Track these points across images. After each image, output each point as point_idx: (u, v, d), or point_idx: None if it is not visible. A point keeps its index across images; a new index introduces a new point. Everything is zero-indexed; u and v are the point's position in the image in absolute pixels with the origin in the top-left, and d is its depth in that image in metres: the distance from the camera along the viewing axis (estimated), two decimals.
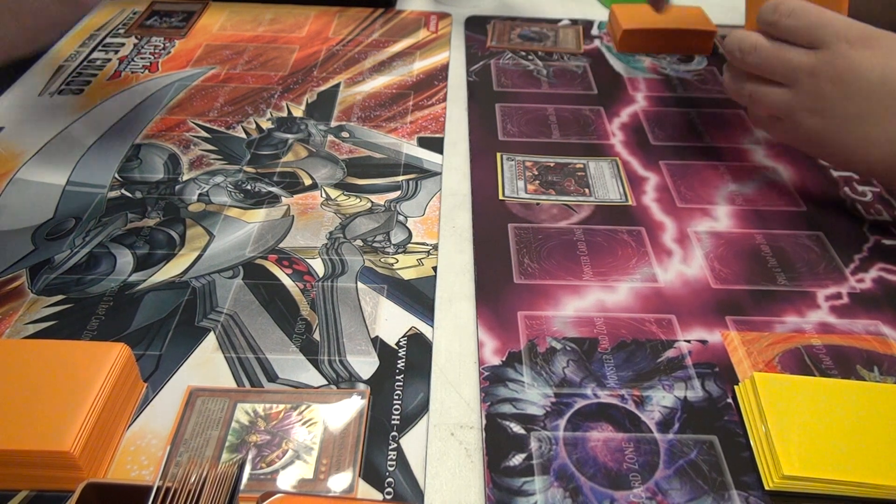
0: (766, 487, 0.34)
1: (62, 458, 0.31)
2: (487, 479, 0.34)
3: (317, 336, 0.41)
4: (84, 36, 0.72)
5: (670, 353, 0.40)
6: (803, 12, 0.46)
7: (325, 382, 0.38)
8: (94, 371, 0.34)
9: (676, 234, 0.49)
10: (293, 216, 0.49)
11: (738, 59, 0.49)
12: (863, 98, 0.44)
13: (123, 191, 0.51)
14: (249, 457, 0.34)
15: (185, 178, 0.53)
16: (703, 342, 0.41)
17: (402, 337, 0.41)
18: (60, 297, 0.43)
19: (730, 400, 0.38)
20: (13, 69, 0.65)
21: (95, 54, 0.69)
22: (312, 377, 0.38)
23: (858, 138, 0.45)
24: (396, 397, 0.38)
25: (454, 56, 0.71)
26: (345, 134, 0.58)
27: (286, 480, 0.33)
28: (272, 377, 0.38)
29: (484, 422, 0.36)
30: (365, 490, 0.33)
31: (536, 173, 0.54)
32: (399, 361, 0.40)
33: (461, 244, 0.48)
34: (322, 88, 0.64)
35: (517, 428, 0.36)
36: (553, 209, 0.51)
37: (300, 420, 0.36)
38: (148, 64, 0.67)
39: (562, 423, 0.36)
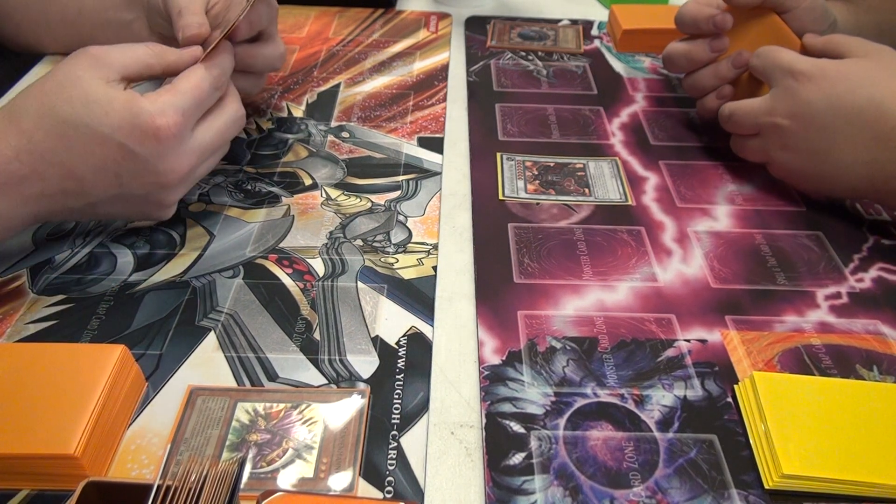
0: (766, 486, 0.34)
1: (66, 462, 0.31)
2: (487, 477, 0.34)
3: (317, 335, 0.41)
4: None
5: (670, 353, 0.40)
6: (763, 53, 0.50)
7: (326, 382, 0.38)
8: (96, 374, 0.34)
9: (676, 233, 0.49)
10: (293, 216, 0.50)
11: (729, 127, 0.53)
12: (819, 130, 0.46)
13: None
14: (250, 455, 0.34)
15: None
16: (703, 341, 0.41)
17: (403, 336, 0.41)
18: (61, 296, 0.43)
19: (729, 399, 0.38)
20: (14, 69, 0.65)
21: None
22: (313, 376, 0.38)
23: (831, 166, 0.47)
24: (396, 396, 0.38)
25: (454, 56, 0.71)
26: (345, 134, 0.58)
27: (286, 479, 0.33)
28: (272, 376, 0.38)
29: (484, 421, 0.36)
30: (365, 489, 0.33)
31: (536, 173, 0.54)
32: (399, 361, 0.40)
33: (461, 244, 0.48)
34: (322, 88, 0.64)
35: (517, 427, 0.36)
36: (553, 209, 0.51)
37: (300, 419, 0.36)
38: None
39: (562, 422, 0.36)
